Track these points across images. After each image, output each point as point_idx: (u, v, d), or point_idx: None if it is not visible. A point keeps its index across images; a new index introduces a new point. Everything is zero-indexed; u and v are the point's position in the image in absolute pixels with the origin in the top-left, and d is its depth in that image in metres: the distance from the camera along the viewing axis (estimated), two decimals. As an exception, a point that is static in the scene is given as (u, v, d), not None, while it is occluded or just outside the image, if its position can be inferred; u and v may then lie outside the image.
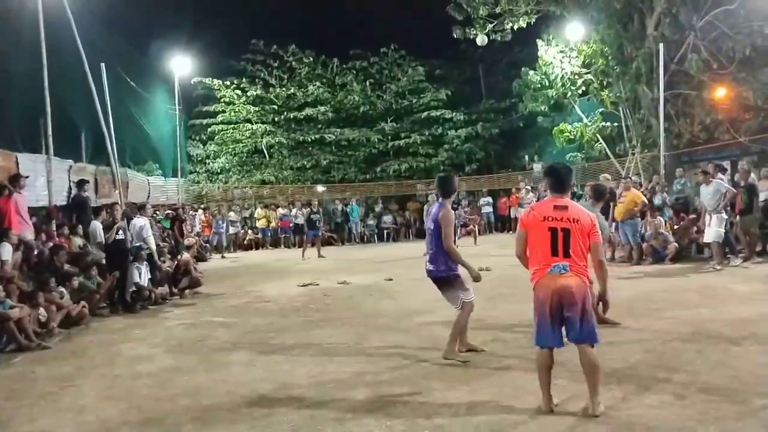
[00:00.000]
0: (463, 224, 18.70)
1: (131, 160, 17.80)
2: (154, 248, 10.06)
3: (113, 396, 4.88)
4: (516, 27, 18.89)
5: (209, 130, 24.55)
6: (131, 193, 15.81)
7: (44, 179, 11.28)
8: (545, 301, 3.85)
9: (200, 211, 19.87)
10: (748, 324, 6.05)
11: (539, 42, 19.17)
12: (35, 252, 8.84)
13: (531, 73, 19.82)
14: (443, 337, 5.42)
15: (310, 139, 24.35)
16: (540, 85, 19.57)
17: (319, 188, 23.53)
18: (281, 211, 20.70)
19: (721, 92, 16.79)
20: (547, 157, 21.59)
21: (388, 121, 25.36)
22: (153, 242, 10.13)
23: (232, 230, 19.79)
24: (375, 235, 21.47)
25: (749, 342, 5.39)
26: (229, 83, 24.41)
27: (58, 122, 11.58)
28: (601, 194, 6.89)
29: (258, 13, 28.12)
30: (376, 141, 24.76)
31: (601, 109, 18.86)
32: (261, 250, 20.11)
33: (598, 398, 3.84)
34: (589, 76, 18.52)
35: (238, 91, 24.50)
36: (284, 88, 25.11)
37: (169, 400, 4.67)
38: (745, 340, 5.44)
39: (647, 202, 11.81)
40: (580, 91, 19.15)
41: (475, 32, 19.00)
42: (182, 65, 20.62)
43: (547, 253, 3.85)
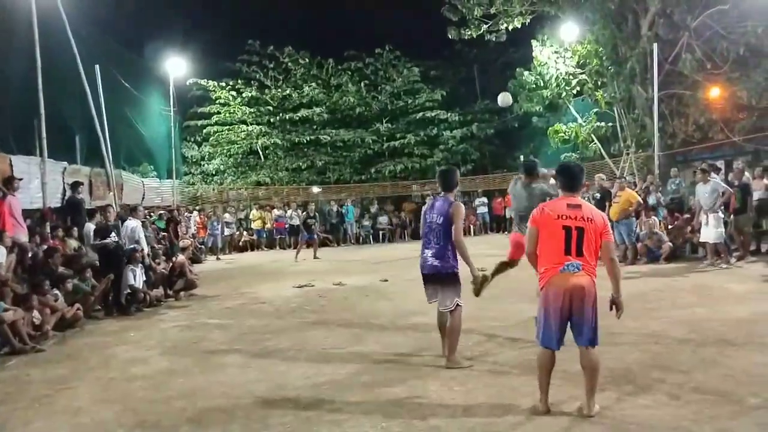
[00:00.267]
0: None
1: (126, 162, 17.70)
2: (147, 249, 10.04)
3: (108, 398, 4.86)
4: (511, 27, 18.98)
5: (204, 131, 24.49)
6: (126, 194, 15.75)
7: (38, 181, 11.21)
8: (556, 300, 3.80)
9: (195, 212, 19.78)
10: (743, 323, 6.08)
11: (534, 42, 19.24)
12: (29, 254, 8.77)
13: (526, 73, 19.91)
14: (439, 338, 5.39)
15: (306, 140, 24.33)
16: (535, 86, 19.66)
17: (315, 189, 23.50)
18: (276, 212, 20.68)
19: (715, 92, 16.87)
20: (543, 158, 21.61)
21: (384, 121, 25.37)
22: (145, 243, 10.11)
23: (227, 232, 19.72)
24: (370, 236, 21.47)
25: (744, 341, 5.41)
26: (224, 84, 24.37)
27: (52, 124, 11.50)
28: (531, 169, 6.22)
29: (253, 15, 28.18)
30: (371, 142, 24.78)
31: (595, 110, 18.94)
32: (256, 252, 20.06)
33: (594, 399, 3.84)
34: (584, 77, 18.59)
35: (233, 93, 24.45)
36: (279, 89, 25.08)
37: (165, 402, 4.66)
38: (740, 340, 5.46)
39: (642, 201, 11.85)
40: (575, 92, 19.24)
41: (470, 33, 19.07)
42: (177, 66, 20.52)
43: (560, 252, 3.80)
